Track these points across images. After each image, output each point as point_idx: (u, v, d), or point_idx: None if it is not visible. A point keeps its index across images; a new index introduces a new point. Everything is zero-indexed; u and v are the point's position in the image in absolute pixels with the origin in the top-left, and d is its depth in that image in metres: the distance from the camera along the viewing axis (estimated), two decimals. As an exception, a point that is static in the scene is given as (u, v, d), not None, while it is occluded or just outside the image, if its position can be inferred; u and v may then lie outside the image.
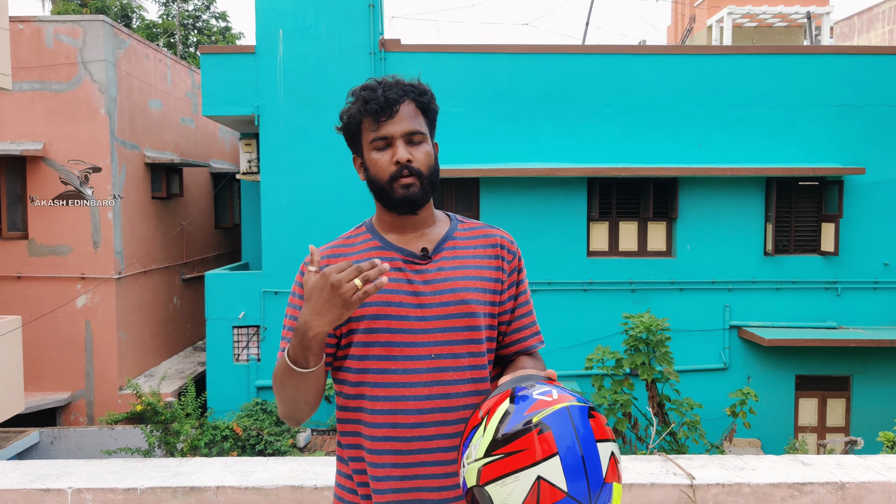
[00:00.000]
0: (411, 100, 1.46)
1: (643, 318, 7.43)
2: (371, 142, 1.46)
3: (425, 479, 1.41)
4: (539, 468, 1.12)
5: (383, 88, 1.45)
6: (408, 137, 1.45)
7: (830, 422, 10.25)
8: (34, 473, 2.51)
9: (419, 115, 1.48)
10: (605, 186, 10.15)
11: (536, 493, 1.11)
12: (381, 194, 1.48)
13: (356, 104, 1.47)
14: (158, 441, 8.14)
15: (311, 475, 2.48)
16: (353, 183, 9.94)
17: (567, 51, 10.17)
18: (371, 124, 1.45)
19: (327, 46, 9.86)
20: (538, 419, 1.15)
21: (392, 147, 1.45)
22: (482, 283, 1.48)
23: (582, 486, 1.12)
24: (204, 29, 22.23)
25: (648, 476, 2.47)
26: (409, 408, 1.40)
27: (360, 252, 1.49)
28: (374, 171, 1.47)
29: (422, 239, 1.50)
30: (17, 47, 9.56)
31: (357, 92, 1.49)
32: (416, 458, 1.41)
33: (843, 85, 10.01)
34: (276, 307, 9.91)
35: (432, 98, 1.50)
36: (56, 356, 10.11)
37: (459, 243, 1.51)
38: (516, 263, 1.54)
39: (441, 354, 1.42)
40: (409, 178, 1.44)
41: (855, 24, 18.28)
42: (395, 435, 1.41)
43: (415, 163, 1.45)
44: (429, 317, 1.42)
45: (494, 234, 1.55)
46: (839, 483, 2.43)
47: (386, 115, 1.43)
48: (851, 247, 10.08)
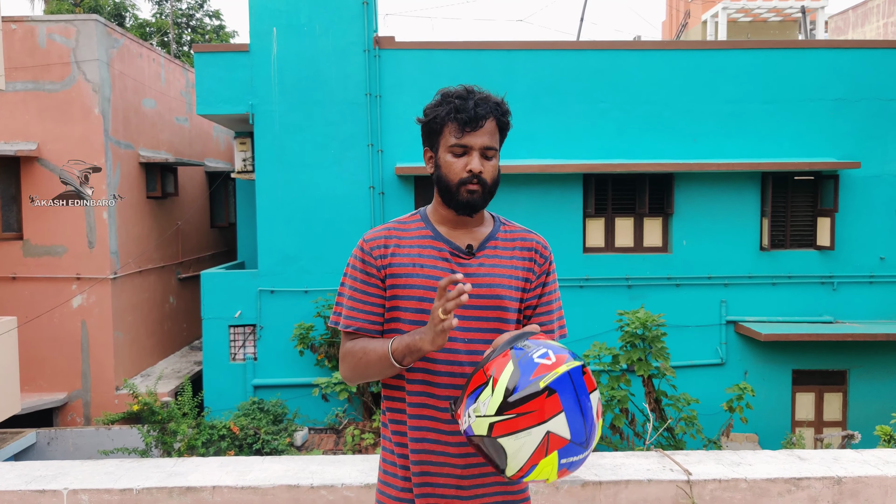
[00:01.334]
0: (495, 118, 1.63)
1: (639, 314, 7.44)
2: (451, 145, 1.63)
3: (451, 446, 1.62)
4: (548, 424, 1.35)
5: (475, 101, 1.61)
6: (484, 151, 1.63)
7: (827, 416, 10.28)
8: (30, 475, 2.50)
9: (497, 132, 1.65)
10: (601, 182, 10.15)
11: (546, 443, 1.35)
12: (447, 194, 1.65)
13: (445, 108, 1.62)
14: (155, 441, 8.13)
15: (308, 474, 2.47)
16: (347, 181, 9.93)
17: (561, 47, 10.16)
18: (455, 130, 1.61)
19: (321, 44, 9.83)
20: (545, 384, 1.35)
21: (468, 156, 1.62)
22: (515, 282, 1.68)
23: (581, 432, 1.37)
24: (198, 27, 22.16)
25: (645, 472, 2.47)
26: (443, 382, 1.62)
27: (412, 238, 1.68)
28: (446, 171, 1.64)
29: (469, 235, 1.69)
30: (10, 47, 9.52)
31: (448, 95, 1.64)
32: (446, 427, 1.62)
33: (839, 79, 10.02)
34: (272, 306, 9.90)
35: (510, 118, 1.68)
36: (52, 357, 10.08)
37: (500, 244, 1.71)
38: (547, 267, 1.74)
39: (473, 339, 1.63)
40: (475, 186, 1.62)
41: (850, 18, 18.30)
42: (431, 403, 1.63)
43: (484, 174, 1.63)
44: (465, 306, 1.59)
45: (531, 238, 1.75)
46: (836, 478, 2.43)
47: (471, 127, 1.60)
48: (847, 241, 10.10)
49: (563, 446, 1.36)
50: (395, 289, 1.64)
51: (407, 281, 1.63)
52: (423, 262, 1.64)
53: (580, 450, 1.38)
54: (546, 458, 1.36)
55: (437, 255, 1.65)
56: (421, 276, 1.63)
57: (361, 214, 9.93)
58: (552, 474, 1.39)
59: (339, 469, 2.52)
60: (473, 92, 1.63)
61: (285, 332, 9.71)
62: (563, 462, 1.38)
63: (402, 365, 1.56)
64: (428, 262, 1.64)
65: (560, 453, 1.36)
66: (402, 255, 1.65)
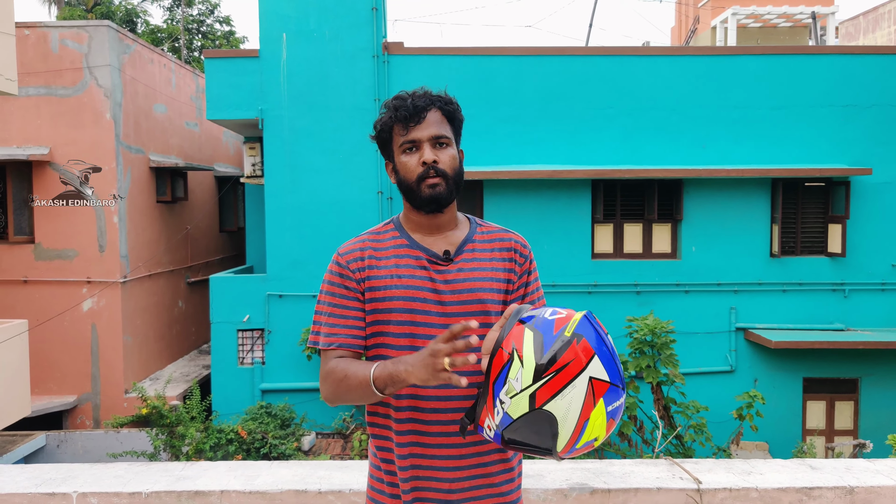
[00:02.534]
0: (438, 108, 1.62)
1: (648, 321, 7.41)
2: (400, 145, 1.61)
3: (441, 459, 1.58)
4: (588, 370, 1.32)
5: (412, 98, 1.61)
6: (434, 141, 1.60)
7: (839, 425, 10.19)
8: (39, 477, 2.51)
9: (445, 122, 1.63)
10: (610, 188, 10.13)
11: (592, 391, 1.32)
12: (410, 194, 1.61)
13: (388, 112, 1.63)
14: (164, 444, 8.15)
15: (315, 479, 2.47)
16: (356, 186, 9.96)
17: (570, 52, 10.16)
18: (401, 130, 1.61)
19: (331, 50, 9.87)
20: (570, 332, 1.33)
21: (419, 150, 1.60)
22: (496, 284, 1.64)
23: (615, 371, 1.35)
24: (208, 33, 22.31)
25: (654, 480, 2.45)
26: (429, 394, 1.57)
27: (388, 248, 1.64)
28: (403, 172, 1.62)
29: (444, 241, 1.65)
30: (23, 53, 9.61)
31: (389, 102, 1.64)
32: (435, 441, 1.57)
33: (849, 85, 9.96)
34: (281, 310, 9.92)
35: (458, 108, 1.65)
36: (62, 360, 10.14)
37: (478, 246, 1.67)
38: (527, 266, 1.70)
39: None
40: (435, 178, 1.58)
41: (860, 23, 18.21)
42: (416, 418, 1.58)
43: (440, 164, 1.59)
44: (448, 314, 1.58)
45: (509, 237, 1.71)
46: (848, 487, 2.41)
47: (414, 121, 1.59)
48: (858, 248, 10.03)
49: (607, 390, 1.33)
50: (375, 302, 1.60)
51: (387, 293, 1.59)
52: (402, 273, 1.60)
53: (620, 392, 1.35)
54: (595, 408, 1.32)
55: (415, 263, 1.60)
56: (401, 286, 1.58)
57: (370, 219, 9.94)
58: (602, 429, 1.35)
59: (347, 474, 2.51)
60: (412, 92, 1.64)
61: (293, 337, 9.73)
62: (609, 409, 1.34)
63: (384, 394, 1.48)
64: (406, 271, 1.60)
65: (605, 399, 1.33)
66: (380, 266, 1.61)
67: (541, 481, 2.42)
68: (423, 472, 1.58)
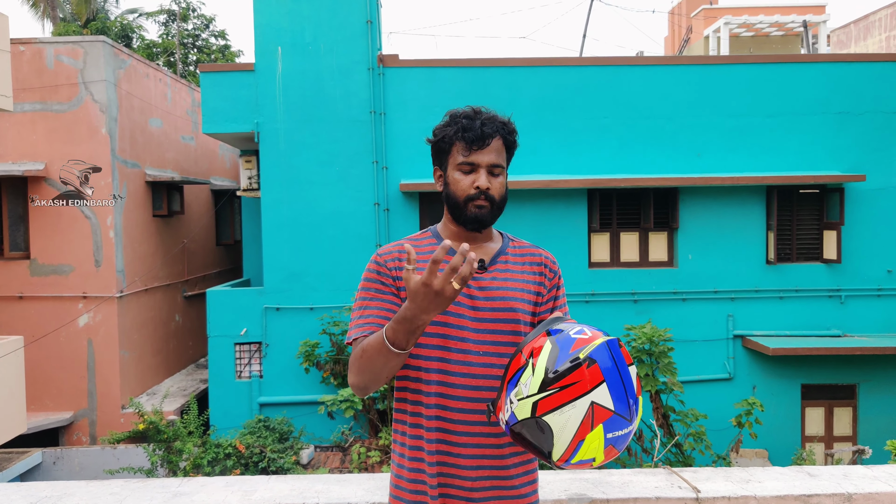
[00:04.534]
0: (501, 136, 1.69)
1: (645, 329, 7.41)
2: (459, 163, 1.69)
3: (465, 458, 1.64)
4: (591, 395, 1.36)
5: (482, 121, 1.67)
6: (491, 168, 1.68)
7: (837, 431, 10.18)
8: (35, 495, 2.49)
9: (503, 150, 1.71)
10: (606, 197, 10.16)
11: (591, 415, 1.36)
12: (456, 210, 1.70)
13: (453, 127, 1.69)
14: (161, 460, 8.10)
15: (314, 493, 2.46)
16: (352, 198, 9.97)
17: (565, 63, 10.22)
18: (463, 149, 1.68)
19: (326, 63, 9.92)
20: (584, 355, 1.38)
21: (475, 173, 1.68)
22: (527, 295, 1.72)
23: (624, 403, 1.38)
24: (203, 47, 22.39)
25: (653, 490, 2.45)
26: (458, 395, 1.64)
27: (425, 254, 1.70)
28: (454, 189, 1.69)
29: (480, 251, 1.74)
30: (18, 68, 9.64)
31: (457, 116, 1.70)
32: (461, 440, 1.64)
33: (842, 92, 10.04)
34: (278, 323, 9.90)
35: (517, 137, 1.74)
36: (58, 375, 10.09)
37: (510, 259, 1.76)
38: (556, 280, 1.80)
39: (488, 352, 1.65)
40: (483, 202, 1.67)
41: (852, 31, 18.36)
42: (444, 416, 1.64)
43: (492, 191, 1.68)
44: (480, 318, 1.66)
45: (540, 253, 1.80)
46: (846, 494, 2.41)
47: (478, 146, 1.66)
48: (854, 254, 10.07)
49: (608, 418, 1.36)
50: None
51: None
52: None
53: (625, 423, 1.38)
54: (592, 431, 1.36)
55: None
56: None
57: (367, 231, 9.95)
58: (599, 452, 1.38)
59: (346, 488, 2.50)
60: (480, 112, 1.70)
61: (291, 350, 9.71)
62: (610, 437, 1.37)
63: (398, 346, 1.46)
64: None
65: (605, 426, 1.36)
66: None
67: (540, 491, 2.41)
68: (447, 469, 1.65)
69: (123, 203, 10.39)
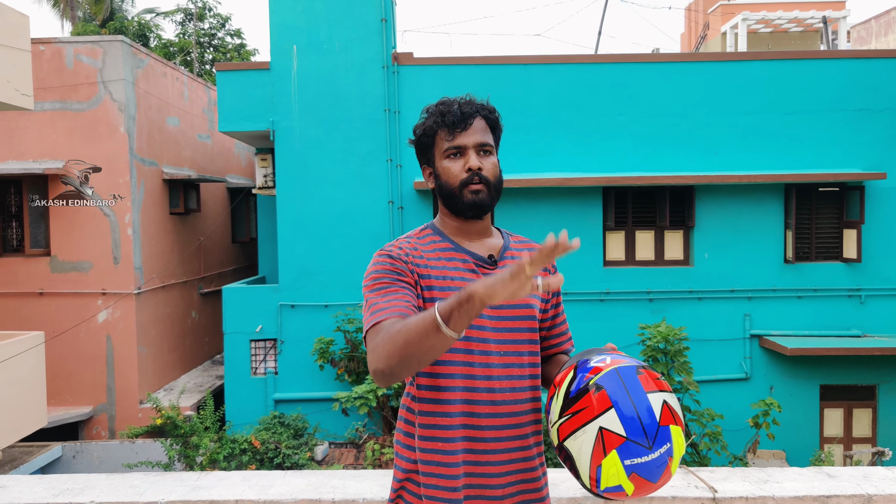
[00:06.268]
0: (482, 116, 1.65)
1: (661, 328, 7.37)
2: (444, 151, 1.63)
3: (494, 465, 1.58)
4: (599, 420, 1.36)
5: (459, 105, 1.63)
6: (479, 148, 1.63)
7: (857, 432, 10.06)
8: (57, 488, 2.53)
9: (488, 130, 1.66)
10: (621, 195, 10.11)
11: (601, 441, 1.36)
12: (451, 199, 1.63)
13: (432, 118, 1.65)
14: (178, 454, 8.18)
15: (329, 489, 2.48)
16: (367, 196, 10.00)
17: (580, 60, 10.17)
18: (446, 135, 1.63)
19: (341, 61, 9.95)
20: (594, 381, 1.40)
21: (464, 156, 1.62)
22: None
23: (637, 429, 1.34)
24: (219, 46, 22.54)
25: (669, 489, 2.44)
26: (483, 398, 1.57)
27: (434, 250, 1.63)
28: (446, 177, 1.63)
29: (485, 247, 1.67)
30: (39, 68, 9.75)
31: (432, 108, 1.66)
32: (489, 446, 1.57)
33: (862, 89, 9.90)
34: (293, 320, 9.96)
35: (500, 117, 1.70)
36: (78, 371, 10.22)
37: (516, 254, 1.69)
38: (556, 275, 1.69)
39: (508, 352, 1.61)
40: (478, 184, 1.61)
41: (872, 27, 18.10)
42: (470, 423, 1.56)
43: (484, 171, 1.61)
44: (499, 316, 1.60)
45: None
46: (866, 496, 2.38)
47: (461, 128, 1.61)
48: (874, 253, 9.93)
49: (621, 444, 1.34)
50: (432, 301, 1.55)
51: (443, 294, 1.56)
52: (455, 275, 1.60)
53: (643, 450, 1.34)
54: (606, 457, 1.35)
55: (463, 266, 1.62)
56: (454, 288, 1.55)
57: (381, 229, 9.98)
58: (623, 479, 1.35)
59: (361, 483, 2.52)
60: (457, 99, 1.66)
61: (306, 347, 9.76)
62: (628, 464, 1.34)
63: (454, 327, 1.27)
64: (458, 273, 1.60)
65: (620, 453, 1.34)
66: (431, 266, 1.60)
67: (555, 490, 2.41)
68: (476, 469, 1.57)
69: (141, 201, 10.50)
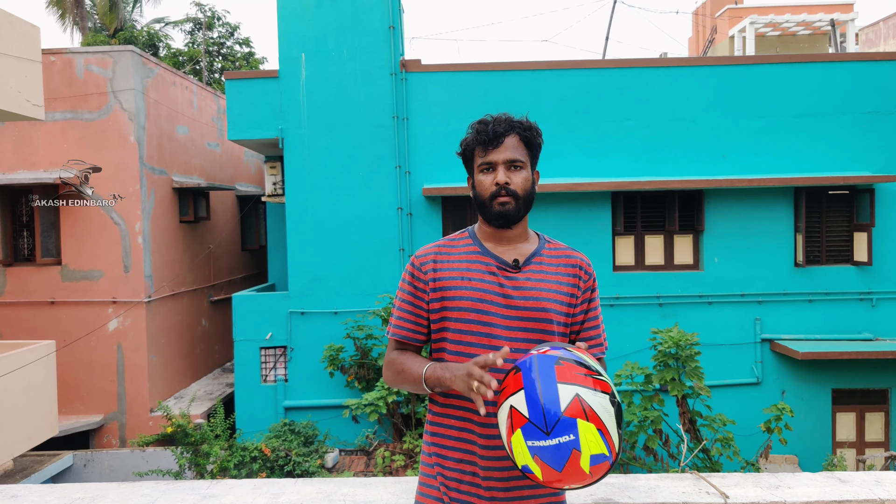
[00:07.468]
0: (516, 133, 1.77)
1: (672, 333, 7.33)
2: (479, 166, 1.79)
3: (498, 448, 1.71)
4: (511, 399, 1.48)
5: (493, 123, 1.77)
6: (509, 164, 1.76)
7: (869, 436, 9.96)
8: (68, 497, 2.55)
9: (522, 146, 1.78)
10: (630, 200, 10.09)
11: (511, 418, 1.46)
12: (483, 209, 1.79)
13: (471, 136, 1.80)
14: (189, 463, 8.20)
15: (340, 496, 2.48)
16: (376, 203, 10.03)
17: (587, 66, 10.18)
18: (481, 152, 1.78)
19: (349, 68, 10.00)
20: (517, 364, 1.52)
21: (495, 171, 1.76)
22: (560, 297, 1.77)
23: (538, 413, 1.42)
24: (228, 55, 22.70)
25: (680, 495, 2.43)
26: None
27: (460, 254, 1.80)
28: (479, 189, 1.79)
29: (514, 251, 1.80)
30: (49, 78, 9.85)
31: (474, 125, 1.82)
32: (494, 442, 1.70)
33: (871, 92, 9.85)
34: (303, 328, 9.98)
35: (537, 134, 1.81)
36: (88, 379, 10.27)
37: (545, 260, 1.81)
38: (591, 283, 1.86)
39: (518, 350, 1.69)
40: (505, 197, 1.75)
41: (881, 29, 18.01)
42: (476, 420, 1.71)
43: (512, 185, 1.75)
44: (512, 316, 1.72)
45: (575, 256, 1.86)
46: (878, 500, 2.36)
47: (492, 145, 1.76)
48: (885, 256, 9.86)
49: (524, 424, 1.43)
50: (444, 301, 1.76)
51: (456, 293, 1.74)
52: (472, 276, 1.75)
53: (541, 434, 1.41)
54: (514, 434, 1.45)
55: (485, 269, 1.76)
56: (469, 288, 1.74)
57: (390, 235, 9.99)
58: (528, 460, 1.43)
59: (372, 491, 2.52)
60: (495, 116, 1.80)
61: (315, 354, 9.77)
62: (530, 445, 1.42)
63: (430, 386, 1.68)
64: (475, 275, 1.75)
65: (524, 433, 1.43)
66: (450, 269, 1.77)
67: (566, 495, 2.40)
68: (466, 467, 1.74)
69: (151, 209, 10.56)
